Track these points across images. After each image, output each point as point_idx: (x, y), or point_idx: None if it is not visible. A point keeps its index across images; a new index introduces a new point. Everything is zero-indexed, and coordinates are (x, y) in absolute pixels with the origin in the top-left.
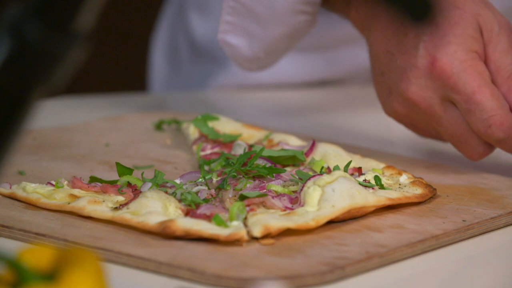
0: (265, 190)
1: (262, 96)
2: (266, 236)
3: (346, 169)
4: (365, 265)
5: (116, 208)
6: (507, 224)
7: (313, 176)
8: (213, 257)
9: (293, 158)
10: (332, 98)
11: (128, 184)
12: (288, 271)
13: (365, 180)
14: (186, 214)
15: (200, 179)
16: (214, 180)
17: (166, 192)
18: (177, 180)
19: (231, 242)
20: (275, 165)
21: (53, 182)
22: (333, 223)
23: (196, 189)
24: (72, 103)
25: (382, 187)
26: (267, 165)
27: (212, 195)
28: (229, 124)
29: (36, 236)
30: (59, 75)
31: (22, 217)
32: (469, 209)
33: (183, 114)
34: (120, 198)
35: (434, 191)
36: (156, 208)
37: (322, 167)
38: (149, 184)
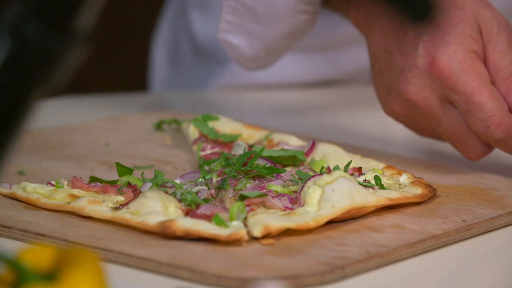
0: (265, 190)
1: (262, 96)
2: (266, 236)
3: (346, 169)
4: (365, 265)
5: (116, 208)
6: (507, 224)
7: (313, 176)
8: (213, 257)
9: (293, 158)
10: (332, 98)
11: (128, 184)
12: (288, 271)
13: (365, 180)
14: (186, 214)
15: (200, 179)
16: (214, 180)
17: (166, 192)
18: (177, 180)
19: (231, 242)
20: (275, 165)
21: (53, 182)
22: (333, 223)
23: (196, 189)
24: (72, 103)
25: (382, 187)
26: (267, 165)
27: (212, 195)
28: (229, 124)
29: (36, 236)
30: (59, 75)
31: (22, 217)
32: (469, 209)
33: (183, 114)
34: (120, 198)
35: (434, 191)
36: (156, 208)
37: (322, 167)
38: (149, 184)
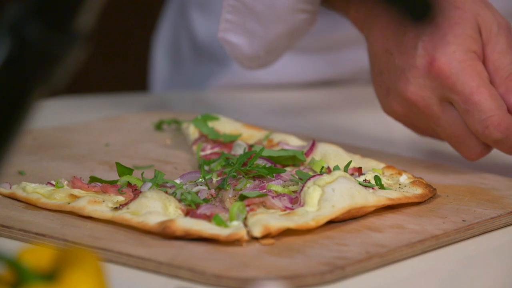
0: (265, 190)
1: (262, 96)
2: (266, 236)
3: (346, 169)
4: (365, 265)
5: (116, 208)
6: (507, 224)
7: (313, 176)
8: (213, 257)
9: (293, 158)
10: (332, 98)
11: (128, 184)
12: (288, 271)
13: (365, 180)
14: (186, 214)
15: (200, 179)
16: (214, 180)
17: (166, 192)
18: (177, 180)
19: (231, 242)
20: (275, 165)
21: (53, 182)
22: (333, 223)
23: (196, 189)
24: (72, 103)
25: (382, 187)
26: (267, 165)
27: (212, 195)
28: (229, 124)
29: (36, 236)
30: (59, 75)
31: (22, 217)
32: (469, 209)
33: (183, 114)
34: (120, 198)
35: (434, 191)
36: (156, 208)
37: (322, 167)
38: (149, 184)
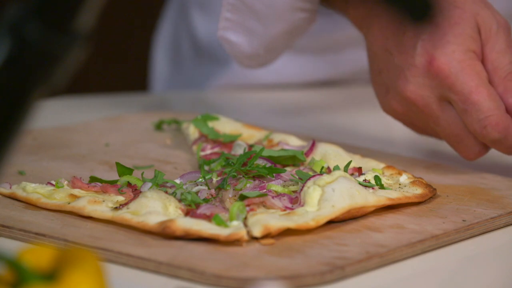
0: (265, 190)
1: (262, 96)
2: (266, 236)
3: (346, 169)
4: (365, 265)
5: (116, 208)
6: (507, 224)
7: (313, 176)
8: (213, 257)
9: (293, 158)
10: (332, 98)
11: (128, 184)
12: (288, 271)
13: (365, 180)
14: (186, 214)
15: (200, 179)
16: (214, 180)
17: (166, 192)
18: (177, 180)
19: (231, 242)
20: (275, 165)
21: (53, 182)
22: (333, 223)
23: (196, 189)
24: (72, 103)
25: (382, 187)
26: (267, 165)
27: (212, 195)
28: (229, 124)
29: (36, 236)
30: (59, 75)
31: (22, 217)
32: (469, 209)
33: (183, 114)
34: (120, 198)
35: (434, 191)
36: (156, 208)
37: (322, 167)
38: (149, 184)
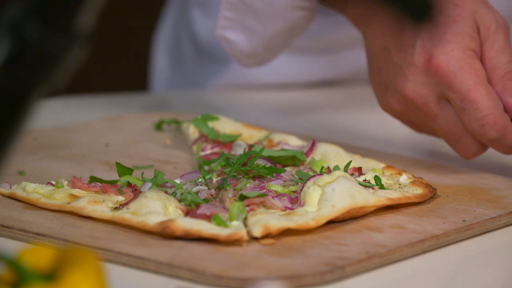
0: (265, 190)
1: (262, 96)
2: (266, 236)
3: (346, 169)
4: (365, 265)
5: (116, 208)
6: (507, 224)
7: (313, 176)
8: (213, 257)
9: (293, 158)
10: (332, 98)
11: (128, 184)
12: (288, 271)
13: (365, 180)
14: (186, 214)
15: (200, 179)
16: (214, 180)
17: (166, 192)
18: (177, 180)
19: (231, 242)
20: (275, 165)
21: (53, 182)
22: (333, 223)
23: (196, 189)
24: (72, 103)
25: (382, 187)
26: (267, 165)
27: (212, 195)
28: (229, 124)
29: (36, 236)
30: (59, 75)
31: (22, 217)
32: (469, 209)
33: (183, 114)
34: (120, 198)
35: (434, 191)
36: (156, 208)
37: (322, 167)
38: (149, 184)
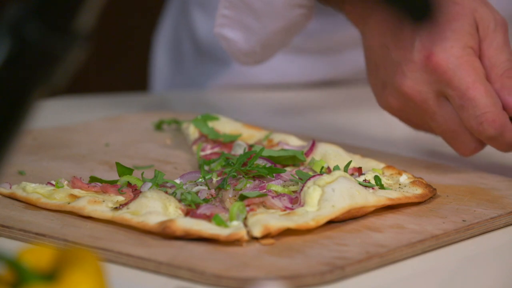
0: (265, 190)
1: (262, 96)
2: (266, 236)
3: (346, 169)
4: (365, 265)
5: (116, 208)
6: (507, 224)
7: (313, 176)
8: (213, 257)
9: (293, 158)
10: (332, 98)
11: (128, 184)
12: (288, 271)
13: (365, 180)
14: (186, 214)
15: (200, 179)
16: (214, 180)
17: (166, 192)
18: (177, 180)
19: (231, 242)
20: (275, 165)
21: (53, 182)
22: (333, 223)
23: (196, 189)
24: (72, 103)
25: (382, 187)
26: (267, 165)
27: (212, 195)
28: (229, 124)
29: (36, 236)
30: (59, 75)
31: (22, 217)
32: (469, 209)
33: (183, 114)
34: (120, 198)
35: (434, 191)
36: (156, 208)
37: (322, 167)
38: (149, 184)
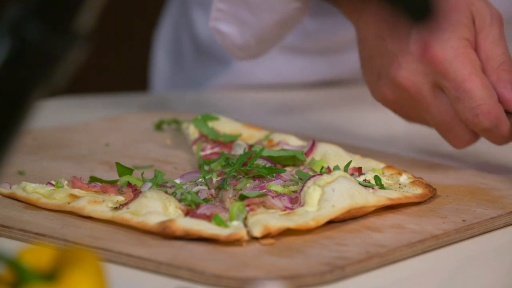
0: (265, 190)
1: (262, 96)
2: (266, 236)
3: (346, 169)
4: (365, 265)
5: (116, 208)
6: (507, 224)
7: (313, 176)
8: (213, 257)
9: (293, 158)
10: (332, 98)
11: (128, 184)
12: (288, 271)
13: (365, 180)
14: (186, 214)
15: (200, 179)
16: (214, 180)
17: (166, 192)
18: (177, 180)
19: (231, 242)
20: (275, 165)
21: (53, 182)
22: (333, 223)
23: (196, 189)
24: (72, 103)
25: (382, 187)
26: (267, 165)
27: (212, 195)
28: (229, 124)
29: (36, 236)
30: (59, 75)
31: (22, 217)
32: (469, 209)
33: (183, 114)
34: (120, 198)
35: (434, 191)
36: (156, 208)
37: (322, 167)
38: (149, 184)
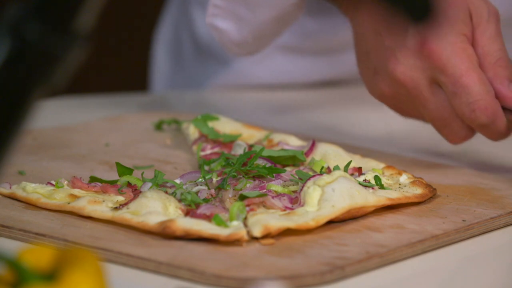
0: (265, 190)
1: (262, 96)
2: (266, 236)
3: (346, 169)
4: (365, 265)
5: (116, 208)
6: (507, 224)
7: (313, 176)
8: (213, 257)
9: (293, 158)
10: (332, 98)
11: (128, 184)
12: (288, 271)
13: (365, 180)
14: (186, 214)
15: (200, 179)
16: (214, 180)
17: (166, 192)
18: (177, 180)
19: (231, 242)
20: (275, 165)
21: (53, 182)
22: (333, 223)
23: (196, 189)
24: (72, 103)
25: (382, 187)
26: (267, 165)
27: (212, 195)
28: (229, 124)
29: (36, 236)
30: (59, 75)
31: (22, 217)
32: (469, 209)
33: (183, 114)
34: (120, 198)
35: (434, 191)
36: (156, 208)
37: (322, 167)
38: (149, 184)
